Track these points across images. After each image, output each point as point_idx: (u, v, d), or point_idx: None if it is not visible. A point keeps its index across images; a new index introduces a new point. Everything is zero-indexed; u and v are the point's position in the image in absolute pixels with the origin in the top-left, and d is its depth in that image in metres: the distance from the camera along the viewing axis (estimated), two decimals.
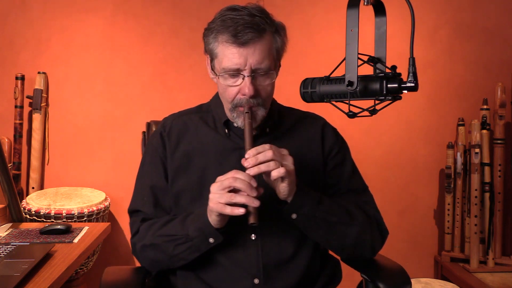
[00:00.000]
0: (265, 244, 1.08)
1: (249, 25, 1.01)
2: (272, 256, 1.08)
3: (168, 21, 2.38)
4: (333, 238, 1.09)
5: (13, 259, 1.18)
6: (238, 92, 1.06)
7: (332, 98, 0.97)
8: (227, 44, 1.03)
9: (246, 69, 1.03)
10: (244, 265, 1.07)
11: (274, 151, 0.95)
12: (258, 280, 1.06)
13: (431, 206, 2.51)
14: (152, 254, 1.11)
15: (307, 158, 1.16)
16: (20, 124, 2.28)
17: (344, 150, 1.22)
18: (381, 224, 1.17)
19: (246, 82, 1.04)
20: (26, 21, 2.34)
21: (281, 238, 1.10)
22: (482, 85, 2.46)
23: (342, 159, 1.20)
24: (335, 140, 1.21)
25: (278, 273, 1.08)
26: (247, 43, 1.02)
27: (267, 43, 1.05)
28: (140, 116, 2.40)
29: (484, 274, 2.25)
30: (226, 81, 1.06)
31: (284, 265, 1.09)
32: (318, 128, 1.20)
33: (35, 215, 1.94)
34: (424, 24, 2.43)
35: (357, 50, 0.89)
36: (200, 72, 2.40)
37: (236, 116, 1.09)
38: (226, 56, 1.04)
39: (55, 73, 2.35)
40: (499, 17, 2.47)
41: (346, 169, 1.20)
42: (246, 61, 1.02)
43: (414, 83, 0.89)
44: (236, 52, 1.02)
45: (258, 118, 1.09)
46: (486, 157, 2.31)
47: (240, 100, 1.06)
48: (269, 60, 1.05)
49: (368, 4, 0.94)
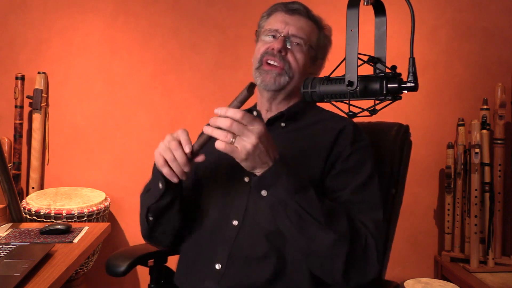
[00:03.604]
0: (242, 233, 1.06)
1: (299, 3, 1.20)
2: (244, 246, 1.05)
3: (168, 21, 2.38)
4: (300, 237, 0.94)
5: (13, 259, 1.18)
6: (268, 48, 1.15)
7: (332, 98, 0.97)
8: (276, 12, 1.19)
9: (283, 31, 1.15)
10: (218, 248, 1.07)
11: (234, 123, 0.86)
12: (220, 266, 1.05)
13: (431, 206, 2.51)
14: (140, 212, 1.16)
15: (311, 155, 1.09)
16: (20, 124, 2.28)
17: (360, 157, 1.09)
18: (371, 255, 0.96)
19: (279, 39, 1.14)
20: (26, 21, 2.34)
21: (261, 233, 1.04)
22: (482, 85, 2.46)
23: (355, 166, 1.07)
24: (349, 143, 1.09)
25: (244, 266, 1.04)
26: (293, 12, 1.17)
27: (310, 26, 1.19)
28: (140, 116, 2.40)
29: (484, 274, 2.25)
30: (264, 40, 1.18)
31: (251, 259, 1.03)
32: (335, 130, 1.11)
33: (35, 215, 1.94)
34: (424, 24, 2.43)
35: (357, 50, 0.89)
36: (200, 72, 2.40)
37: (258, 74, 1.16)
38: (272, 20, 1.19)
39: (55, 73, 2.35)
40: (499, 17, 2.47)
41: (357, 177, 1.06)
42: (286, 26, 1.16)
43: (414, 83, 0.88)
44: (281, 16, 1.17)
45: (279, 82, 1.14)
46: (486, 157, 2.31)
47: (267, 52, 1.15)
48: (306, 39, 1.16)
49: (368, 4, 0.94)
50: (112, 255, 1.28)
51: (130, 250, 1.43)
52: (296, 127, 1.16)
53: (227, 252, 1.05)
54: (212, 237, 1.10)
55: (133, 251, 1.32)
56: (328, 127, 1.13)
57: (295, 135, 1.15)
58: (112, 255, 1.28)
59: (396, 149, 1.27)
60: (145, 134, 2.40)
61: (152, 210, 1.09)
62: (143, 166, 2.27)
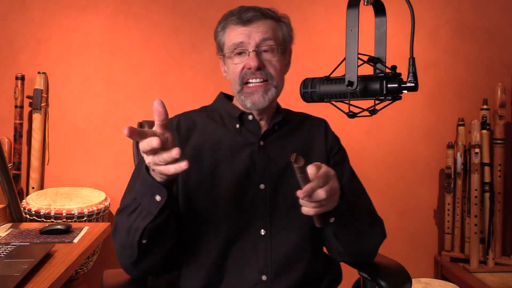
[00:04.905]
0: (274, 240, 1.08)
1: (252, 8, 1.10)
2: (281, 252, 1.07)
3: (168, 21, 2.38)
4: (354, 245, 1.09)
5: (13, 259, 1.18)
6: (243, 68, 1.09)
7: (332, 98, 0.97)
8: (232, 26, 1.10)
9: (250, 44, 1.08)
10: (252, 260, 1.07)
11: (327, 191, 0.87)
12: (266, 277, 1.06)
13: (431, 206, 2.51)
14: (117, 237, 0.99)
15: (313, 153, 1.17)
16: (20, 124, 2.28)
17: (343, 151, 1.24)
18: (384, 229, 1.17)
19: (251, 55, 1.08)
20: (26, 21, 2.34)
21: (290, 234, 1.09)
22: (482, 85, 2.46)
23: (342, 159, 1.21)
24: (334, 139, 1.24)
25: (285, 270, 1.07)
26: (250, 21, 1.08)
27: (271, 25, 1.11)
28: (140, 116, 2.39)
29: (484, 274, 2.25)
30: (233, 60, 1.10)
31: (291, 263, 1.08)
32: (321, 126, 1.23)
33: (35, 215, 1.94)
34: (424, 24, 2.43)
35: (357, 50, 0.89)
36: (200, 72, 2.40)
37: (244, 98, 1.10)
38: (231, 36, 1.10)
39: (55, 73, 2.35)
40: (500, 17, 2.47)
41: (345, 169, 1.20)
42: (249, 37, 1.08)
43: (414, 83, 0.88)
44: (240, 30, 1.09)
45: (268, 98, 1.10)
46: (486, 157, 2.31)
47: (245, 73, 1.09)
48: (274, 39, 1.10)
49: (368, 4, 0.94)
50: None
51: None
52: (288, 129, 1.19)
53: (267, 262, 1.06)
54: (239, 251, 1.07)
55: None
56: (313, 126, 1.22)
57: (290, 136, 1.18)
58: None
59: None
60: None
61: (147, 231, 0.93)
62: None
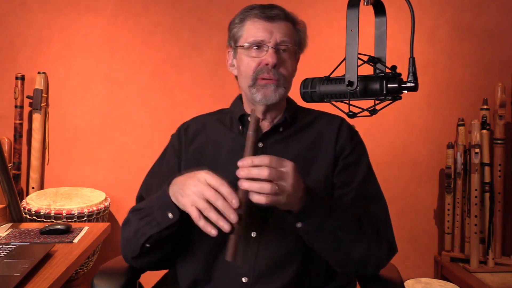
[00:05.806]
0: (263, 244, 1.06)
1: (276, 6, 1.11)
2: (267, 257, 1.05)
3: (168, 21, 2.38)
4: (336, 254, 1.00)
5: (13, 259, 1.18)
6: (260, 64, 1.09)
7: (332, 98, 0.97)
8: (255, 19, 1.10)
9: (271, 41, 1.08)
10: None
11: (271, 170, 0.83)
12: (247, 279, 1.04)
13: (431, 206, 2.51)
14: (125, 232, 1.07)
15: (318, 155, 1.12)
16: (20, 124, 2.28)
17: (359, 152, 1.15)
18: (392, 242, 1.08)
19: (270, 52, 1.08)
20: (26, 21, 2.34)
21: (281, 240, 1.06)
22: (482, 85, 2.46)
23: (355, 161, 1.13)
24: (349, 139, 1.14)
25: (268, 275, 1.05)
26: (273, 19, 1.09)
27: (290, 29, 1.12)
28: (140, 116, 2.40)
29: (484, 274, 2.24)
30: (250, 53, 1.10)
31: (277, 268, 1.05)
32: (334, 126, 1.16)
33: (35, 215, 1.94)
34: (424, 24, 2.43)
35: (357, 50, 0.89)
36: (200, 72, 2.40)
37: (255, 91, 1.10)
38: (252, 30, 1.10)
39: (55, 73, 2.35)
40: (499, 17, 2.47)
41: (358, 172, 1.12)
42: (271, 34, 1.08)
43: (414, 83, 0.89)
44: (262, 25, 1.09)
45: (279, 94, 1.10)
46: (486, 157, 2.31)
47: (261, 68, 1.09)
48: (292, 44, 1.11)
49: (368, 4, 0.94)
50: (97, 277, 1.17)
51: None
52: (293, 130, 1.16)
53: (252, 265, 1.04)
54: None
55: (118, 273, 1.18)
56: (325, 126, 1.17)
57: (295, 138, 1.15)
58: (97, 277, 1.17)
59: None
60: (145, 134, 2.40)
61: (152, 239, 1.01)
62: (143, 166, 2.26)
